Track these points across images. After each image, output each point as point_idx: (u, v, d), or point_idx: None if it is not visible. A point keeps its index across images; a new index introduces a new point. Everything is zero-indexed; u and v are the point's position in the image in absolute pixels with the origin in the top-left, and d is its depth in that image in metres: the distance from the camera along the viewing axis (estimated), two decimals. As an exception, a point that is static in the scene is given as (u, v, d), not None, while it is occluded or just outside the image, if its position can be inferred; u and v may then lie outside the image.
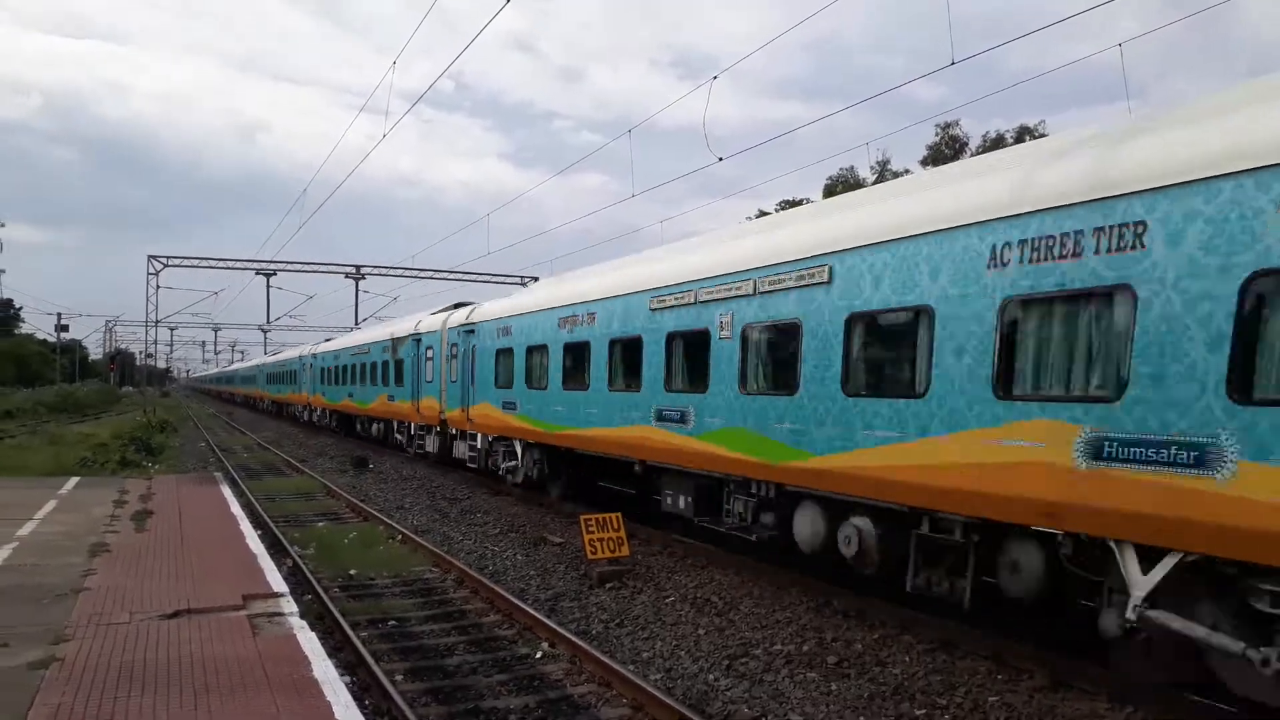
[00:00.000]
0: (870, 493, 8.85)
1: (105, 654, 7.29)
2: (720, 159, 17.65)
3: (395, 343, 26.64)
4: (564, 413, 15.44)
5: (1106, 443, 6.66)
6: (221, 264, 55.59)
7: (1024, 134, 43.45)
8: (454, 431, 22.18)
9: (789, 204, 52.55)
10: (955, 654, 8.60)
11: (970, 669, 8.22)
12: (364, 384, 31.66)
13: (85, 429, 39.79)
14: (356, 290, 56.70)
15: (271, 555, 11.81)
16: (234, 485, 20.36)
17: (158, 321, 57.43)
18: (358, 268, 56.24)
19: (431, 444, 24.08)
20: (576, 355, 15.04)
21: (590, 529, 11.98)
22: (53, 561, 10.83)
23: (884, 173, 46.92)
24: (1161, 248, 6.40)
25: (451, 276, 59.06)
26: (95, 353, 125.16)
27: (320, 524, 16.21)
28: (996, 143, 44.05)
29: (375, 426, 31.79)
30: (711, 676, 8.12)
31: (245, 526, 13.93)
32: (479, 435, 20.46)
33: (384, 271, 58.24)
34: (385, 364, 28.35)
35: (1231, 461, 5.92)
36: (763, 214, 52.36)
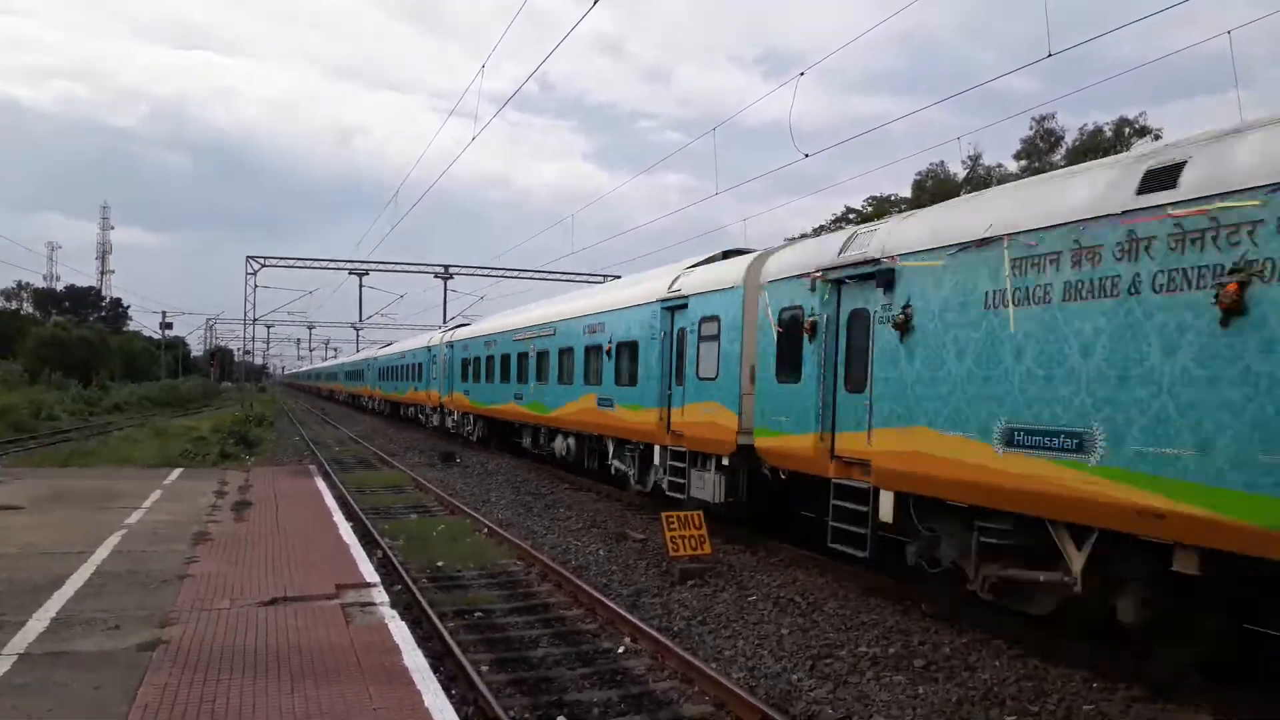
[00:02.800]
0: (574, 427, 19.35)
1: (208, 638, 7.58)
2: (806, 155, 17.50)
3: (428, 350, 37.08)
4: (487, 397, 26.54)
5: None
6: (316, 264, 57.42)
7: (1123, 126, 41.88)
8: (445, 410, 33.57)
9: (877, 200, 51.69)
10: (1049, 660, 8.35)
11: (1064, 676, 7.96)
12: (400, 380, 44.41)
13: (187, 422, 41.50)
14: (445, 290, 57.86)
15: (363, 546, 12.13)
16: (327, 477, 20.97)
17: (255, 319, 59.70)
18: (446, 267, 57.42)
19: (435, 420, 36.24)
20: (489, 364, 25.69)
21: (672, 526, 11.97)
22: (158, 549, 11.32)
23: (975, 168, 45.73)
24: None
25: (535, 276, 59.83)
26: (197, 349, 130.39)
27: (409, 516, 16.58)
28: (1094, 135, 42.55)
29: (408, 410, 44.45)
30: (795, 677, 8.04)
31: (338, 518, 14.33)
32: (454, 412, 32.19)
33: (471, 271, 59.31)
34: (416, 366, 39.81)
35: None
36: (849, 210, 51.61)
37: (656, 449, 15.44)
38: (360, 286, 56.99)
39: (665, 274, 15.71)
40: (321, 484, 18.91)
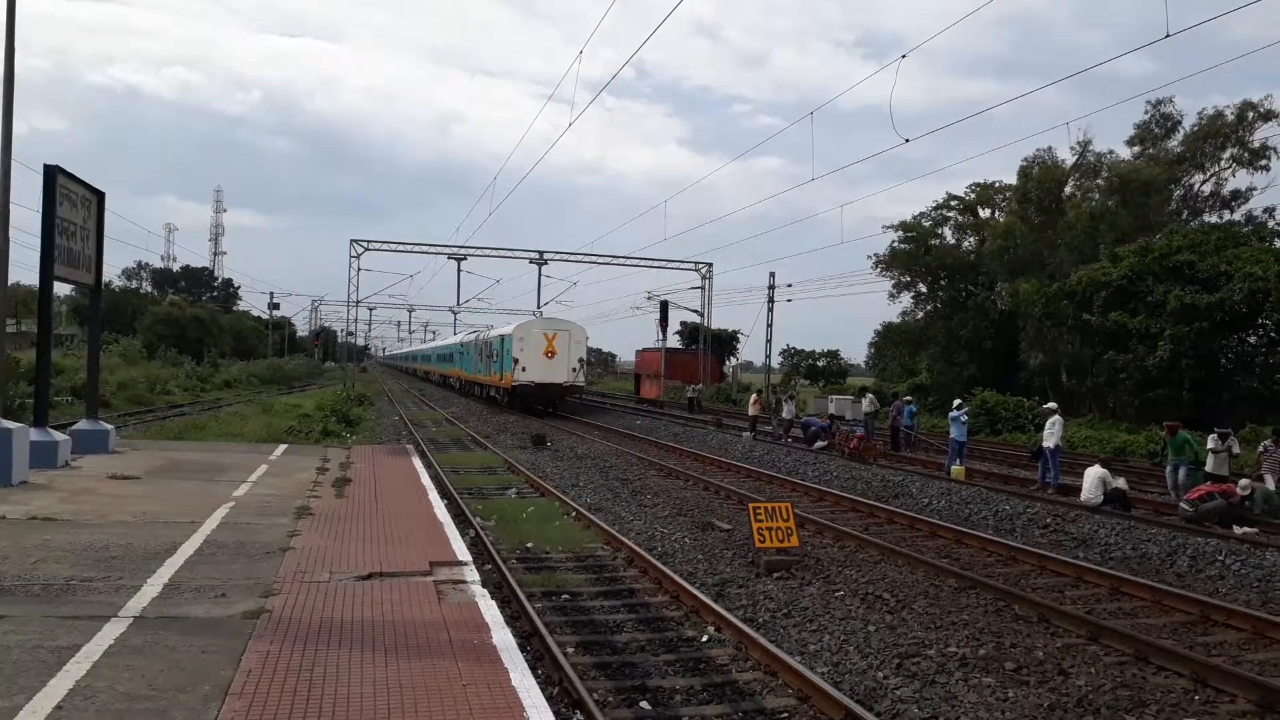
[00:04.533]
0: (475, 380, 49.97)
1: (308, 609, 7.88)
2: (906, 140, 17.11)
3: (478, 342, 51.52)
4: (463, 368, 54.72)
5: None
6: (416, 248, 58.67)
7: (1247, 110, 39.66)
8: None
9: (980, 187, 50.22)
10: (1148, 668, 8.05)
11: (1164, 686, 7.67)
12: (453, 362, 63.79)
13: (292, 400, 43.11)
14: (539, 275, 58.31)
15: (456, 525, 12.39)
16: (423, 457, 21.51)
17: (358, 301, 61.76)
18: (540, 253, 57.97)
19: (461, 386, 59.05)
20: (450, 355, 61.27)
21: (759, 517, 11.93)
22: (263, 521, 11.79)
23: (1085, 154, 43.97)
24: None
25: (628, 262, 59.93)
26: (302, 329, 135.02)
27: (501, 497, 16.90)
28: (1214, 119, 40.39)
29: (455, 382, 63.38)
30: (880, 674, 7.94)
31: (433, 497, 14.70)
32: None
33: (565, 257, 59.72)
34: (460, 353, 59.42)
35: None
36: (951, 198, 50.25)
37: (493, 388, 43.47)
38: (458, 271, 58.16)
39: (501, 328, 42.23)
40: (418, 463, 19.42)
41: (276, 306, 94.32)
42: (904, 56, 15.12)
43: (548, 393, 39.58)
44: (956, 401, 22.87)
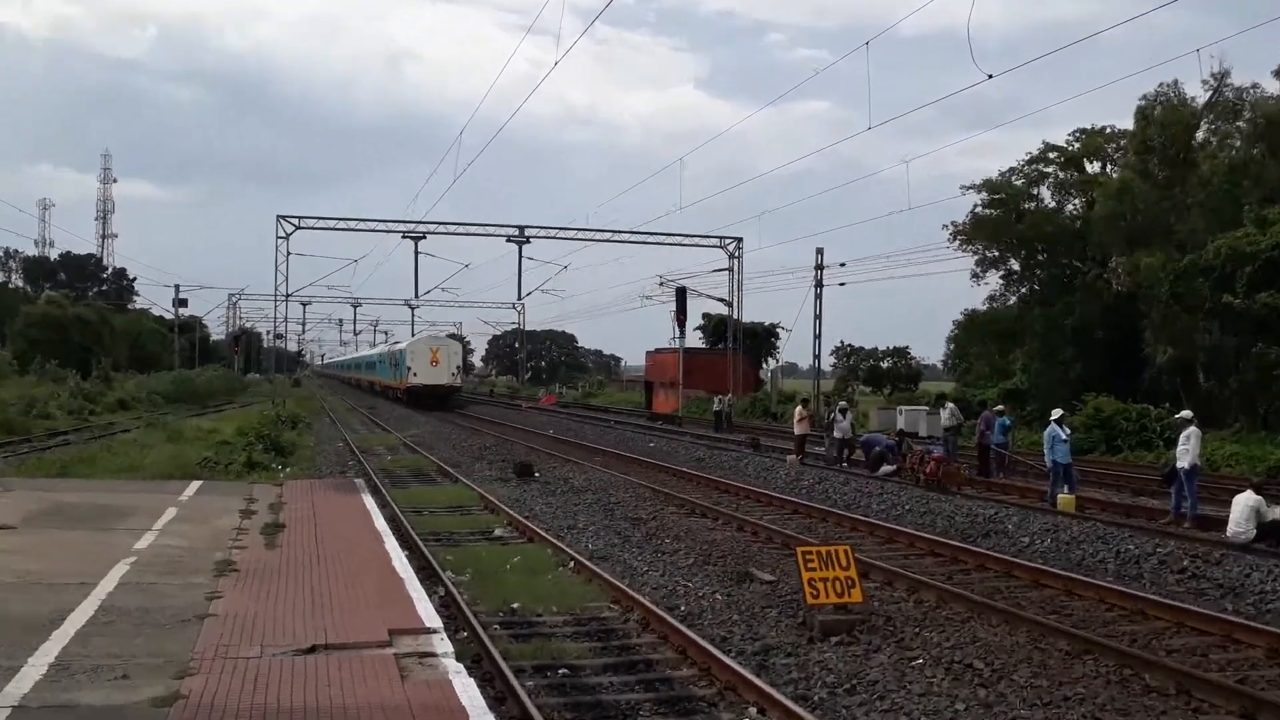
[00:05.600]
0: (383, 384, 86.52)
1: (234, 693, 7.89)
2: (989, 76, 17.13)
3: (386, 354, 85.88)
4: (379, 374, 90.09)
5: None
6: (362, 225, 58.92)
7: None
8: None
9: (1086, 134, 50.09)
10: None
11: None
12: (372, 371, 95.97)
13: (206, 423, 43.25)
14: (520, 256, 58.61)
15: (421, 581, 12.43)
16: (377, 494, 21.56)
17: (288, 295, 61.66)
18: (520, 229, 58.17)
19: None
20: (373, 364, 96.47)
21: (811, 564, 11.89)
22: (174, 581, 11.83)
23: (1221, 89, 43.76)
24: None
25: (634, 238, 60.16)
26: (217, 332, 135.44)
27: (477, 544, 16.91)
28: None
29: (377, 387, 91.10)
30: (973, 765, 7.91)
31: (390, 544, 14.72)
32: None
33: (551, 233, 59.86)
34: (379, 362, 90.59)
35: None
36: (1050, 148, 50.24)
37: (396, 389, 75.00)
38: (416, 253, 58.39)
39: (402, 344, 79.97)
40: (370, 502, 19.46)
41: (184, 303, 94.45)
42: (987, -32, 15.09)
43: (434, 392, 67.21)
44: (1056, 412, 22.78)
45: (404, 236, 58.07)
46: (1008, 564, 15.30)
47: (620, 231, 60.06)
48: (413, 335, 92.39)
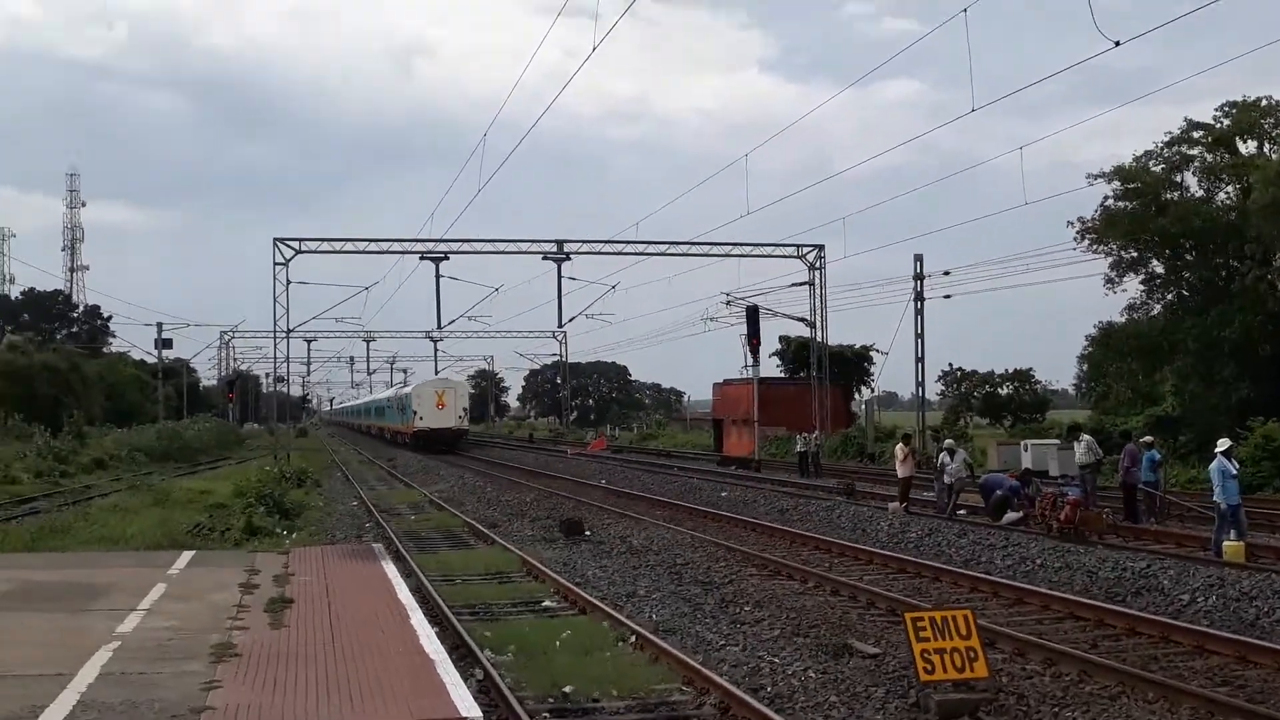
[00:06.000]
0: (390, 429, 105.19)
1: (238, 799, 7.90)
2: (1117, 43, 17.00)
3: (393, 398, 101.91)
4: (387, 419, 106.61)
5: None
6: (373, 247, 59.42)
7: None
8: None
9: (1238, 108, 49.44)
10: None
11: None
12: (381, 416, 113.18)
13: (198, 483, 43.77)
14: (559, 277, 58.47)
15: (455, 662, 12.41)
16: (400, 561, 21.63)
17: (290, 331, 62.27)
18: (559, 244, 58.24)
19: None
20: (381, 409, 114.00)
21: (922, 632, 11.76)
22: (164, 669, 11.89)
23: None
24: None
25: (693, 250, 60.17)
26: (208, 377, 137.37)
27: (521, 617, 16.89)
28: None
29: (387, 434, 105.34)
30: None
31: (418, 619, 14.73)
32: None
33: (595, 247, 59.97)
34: (387, 407, 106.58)
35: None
36: (1193, 126, 49.58)
37: (401, 434, 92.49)
38: (437, 277, 58.76)
39: (408, 387, 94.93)
40: (392, 570, 19.52)
41: (168, 344, 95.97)
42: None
43: (441, 435, 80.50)
44: (1223, 443, 22.37)
45: (422, 258, 58.61)
46: (1164, 627, 15.09)
47: (677, 243, 60.41)
48: (435, 373, 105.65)
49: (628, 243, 59.34)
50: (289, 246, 57.83)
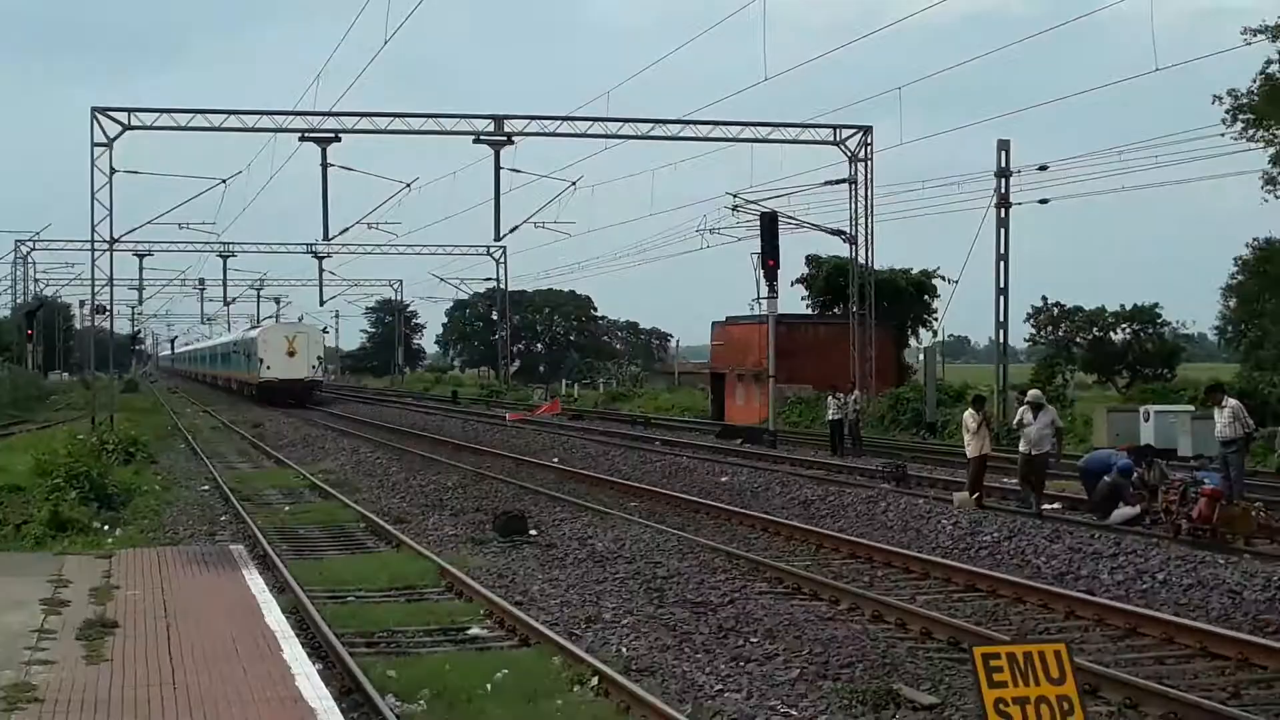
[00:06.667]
0: (234, 378, 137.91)
1: None
2: None
3: (239, 343, 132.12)
4: (233, 367, 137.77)
5: None
6: (233, 121, 58.60)
7: None
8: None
9: None
10: None
11: None
12: (227, 364, 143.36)
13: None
14: (497, 168, 57.66)
15: (345, 715, 12.45)
16: (269, 570, 21.61)
17: (114, 240, 61.65)
18: (498, 121, 57.44)
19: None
20: (226, 355, 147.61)
21: (997, 674, 11.77)
22: (-62, 718, 11.92)
23: None
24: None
25: (688, 133, 59.79)
26: (1, 306, 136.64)
27: (439, 650, 16.93)
28: None
29: (234, 384, 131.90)
30: None
31: (293, 653, 14.76)
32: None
33: (552, 126, 59.31)
34: (233, 353, 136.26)
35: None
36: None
37: (248, 384, 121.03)
38: (324, 165, 57.65)
39: (251, 331, 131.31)
40: (258, 583, 19.52)
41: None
42: None
43: (290, 387, 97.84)
44: None
45: (303, 138, 57.60)
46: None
47: (663, 121, 59.85)
48: (320, 301, 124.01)
49: (595, 120, 58.57)
50: (114, 119, 56.89)
